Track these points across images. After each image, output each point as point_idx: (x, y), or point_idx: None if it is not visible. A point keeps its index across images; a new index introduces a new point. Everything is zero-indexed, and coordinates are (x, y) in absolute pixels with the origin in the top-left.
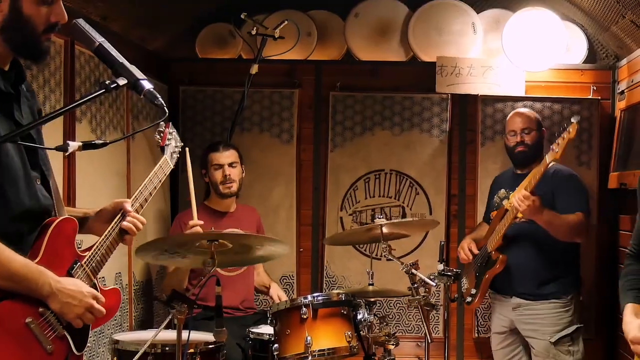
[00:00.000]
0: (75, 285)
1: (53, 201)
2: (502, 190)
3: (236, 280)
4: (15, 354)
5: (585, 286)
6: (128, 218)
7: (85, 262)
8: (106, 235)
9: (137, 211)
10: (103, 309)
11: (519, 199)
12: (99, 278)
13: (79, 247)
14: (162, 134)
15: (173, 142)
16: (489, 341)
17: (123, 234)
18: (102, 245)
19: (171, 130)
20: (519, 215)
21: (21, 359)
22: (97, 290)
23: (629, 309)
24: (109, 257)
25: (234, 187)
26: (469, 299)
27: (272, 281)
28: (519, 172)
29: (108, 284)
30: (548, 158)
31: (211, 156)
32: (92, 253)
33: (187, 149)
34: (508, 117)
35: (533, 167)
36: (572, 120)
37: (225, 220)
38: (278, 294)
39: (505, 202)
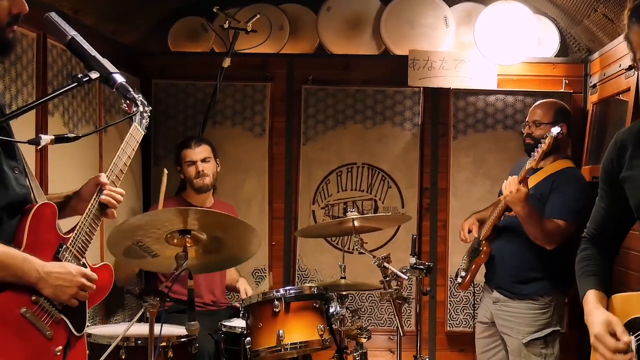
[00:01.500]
0: (62, 266)
1: (31, 190)
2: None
3: (209, 275)
4: (16, 345)
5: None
6: (105, 191)
7: (70, 244)
8: (87, 213)
9: (113, 183)
10: (93, 285)
11: (507, 183)
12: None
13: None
14: (127, 102)
15: (141, 106)
16: (461, 334)
17: (104, 210)
18: (84, 224)
19: (137, 96)
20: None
21: (22, 350)
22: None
23: (591, 297)
24: (93, 235)
25: (207, 180)
26: (459, 279)
27: (241, 276)
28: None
29: None
30: (527, 164)
31: (184, 153)
32: (75, 234)
33: (165, 171)
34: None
35: (548, 161)
36: (552, 131)
37: None
38: (245, 288)
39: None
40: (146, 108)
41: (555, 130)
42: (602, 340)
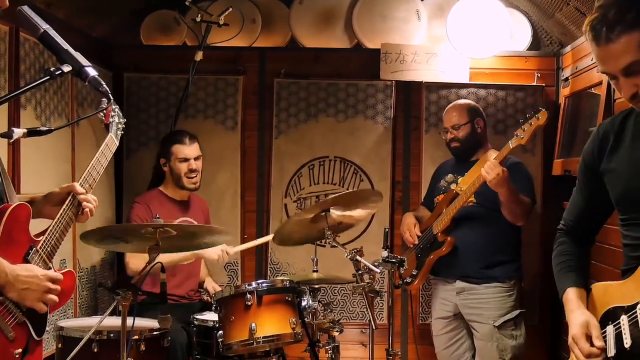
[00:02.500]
0: (28, 270)
1: (4, 188)
2: (450, 175)
3: (188, 268)
4: None
5: (530, 273)
6: (82, 196)
7: (40, 247)
8: (59, 218)
9: (86, 192)
10: (59, 287)
11: (487, 167)
12: None
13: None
14: (104, 112)
15: (117, 118)
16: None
17: (77, 215)
18: (56, 229)
19: (114, 107)
20: (470, 199)
21: None
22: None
23: (571, 295)
24: (62, 240)
25: (197, 178)
26: (408, 279)
27: (208, 275)
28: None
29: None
30: (512, 143)
31: (177, 148)
32: (46, 237)
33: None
34: (444, 111)
35: (478, 156)
36: (541, 108)
37: (179, 208)
38: (212, 286)
39: (453, 186)
40: (121, 120)
41: (544, 106)
42: (577, 343)
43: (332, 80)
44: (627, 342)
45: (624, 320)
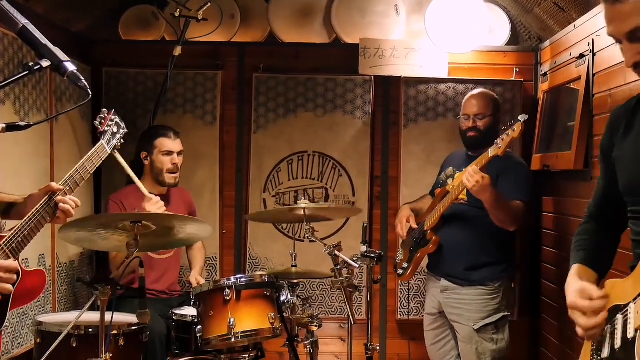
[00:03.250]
0: None
1: None
2: (450, 168)
3: (165, 263)
4: None
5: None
6: (59, 197)
7: (4, 242)
8: (30, 217)
9: (66, 194)
10: (12, 276)
11: (468, 174)
12: (23, 260)
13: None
14: (103, 120)
15: (115, 127)
16: (412, 323)
17: (54, 214)
18: (25, 227)
19: (113, 117)
20: (461, 196)
21: None
22: (20, 272)
23: (574, 270)
24: (32, 238)
25: (178, 177)
26: (400, 271)
27: (197, 266)
28: (471, 153)
29: (32, 266)
30: (491, 152)
31: (161, 141)
32: (12, 234)
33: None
34: (465, 99)
35: (485, 150)
36: (520, 118)
37: None
38: (196, 277)
39: (450, 181)
40: (121, 130)
41: (523, 117)
42: (576, 306)
43: (310, 75)
44: (617, 342)
45: (618, 319)
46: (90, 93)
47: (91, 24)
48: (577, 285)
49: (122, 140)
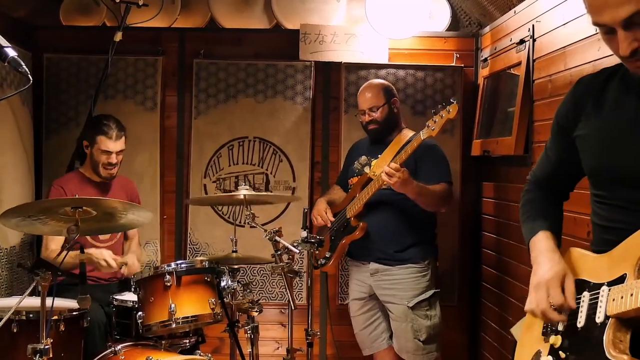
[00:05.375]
0: None
1: None
2: (364, 157)
3: (106, 249)
4: None
5: (448, 254)
6: None
7: None
8: None
9: None
10: None
11: (387, 173)
12: None
13: None
14: None
15: None
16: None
17: None
18: None
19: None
20: (385, 184)
21: None
22: None
23: (542, 236)
24: None
25: (114, 171)
26: (322, 260)
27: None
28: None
29: None
30: (423, 134)
31: (101, 139)
32: None
33: None
34: (358, 94)
35: (393, 137)
36: (452, 100)
37: (98, 190)
38: (132, 261)
39: (367, 169)
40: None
41: (456, 99)
42: (550, 289)
43: (251, 61)
44: (580, 321)
45: (585, 296)
46: (31, 79)
47: (32, 10)
48: (558, 267)
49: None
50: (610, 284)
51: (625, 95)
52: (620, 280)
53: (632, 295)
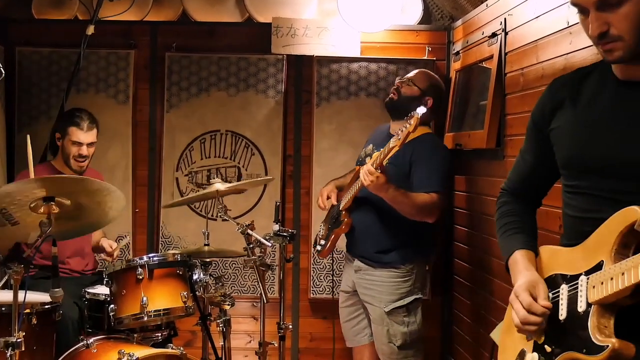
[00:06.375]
0: None
1: None
2: (370, 146)
3: (77, 242)
4: None
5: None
6: None
7: None
8: None
9: None
10: None
11: (364, 173)
12: None
13: None
14: None
15: None
16: (324, 301)
17: None
18: None
19: None
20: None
21: None
22: None
23: (519, 256)
24: None
25: (85, 163)
26: (318, 247)
27: (103, 236)
28: (392, 125)
29: None
30: (392, 143)
31: (73, 130)
32: None
33: (28, 136)
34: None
35: (402, 121)
36: (417, 111)
37: None
38: (109, 243)
39: (367, 160)
40: None
41: (421, 110)
42: (519, 295)
43: (223, 54)
44: (562, 314)
45: (563, 289)
46: (3, 72)
47: (4, 4)
48: (530, 277)
49: None
50: (588, 272)
51: (601, 90)
52: (598, 267)
53: (612, 279)
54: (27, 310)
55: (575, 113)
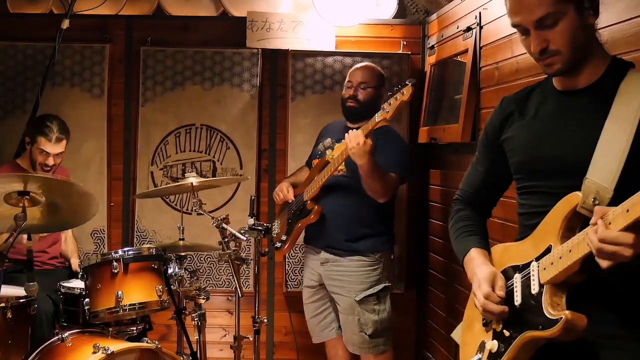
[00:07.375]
0: None
1: None
2: (329, 140)
3: (49, 235)
4: None
5: (396, 240)
6: None
7: None
8: None
9: None
10: None
11: (351, 134)
12: None
13: None
14: None
15: None
16: (299, 295)
17: None
18: None
19: None
20: (340, 168)
21: None
22: None
23: (475, 253)
24: None
25: (51, 172)
26: (278, 244)
27: (75, 252)
28: (349, 124)
29: None
30: (378, 117)
31: (41, 140)
32: None
33: None
34: (352, 69)
35: (363, 123)
36: (407, 82)
37: None
38: (76, 265)
39: (329, 152)
40: None
41: (412, 80)
42: (480, 285)
43: (198, 48)
44: (517, 300)
45: (516, 278)
46: None
47: None
48: (488, 270)
49: None
50: (538, 258)
51: (544, 101)
52: (547, 252)
53: (560, 258)
54: (2, 305)
55: (523, 123)
